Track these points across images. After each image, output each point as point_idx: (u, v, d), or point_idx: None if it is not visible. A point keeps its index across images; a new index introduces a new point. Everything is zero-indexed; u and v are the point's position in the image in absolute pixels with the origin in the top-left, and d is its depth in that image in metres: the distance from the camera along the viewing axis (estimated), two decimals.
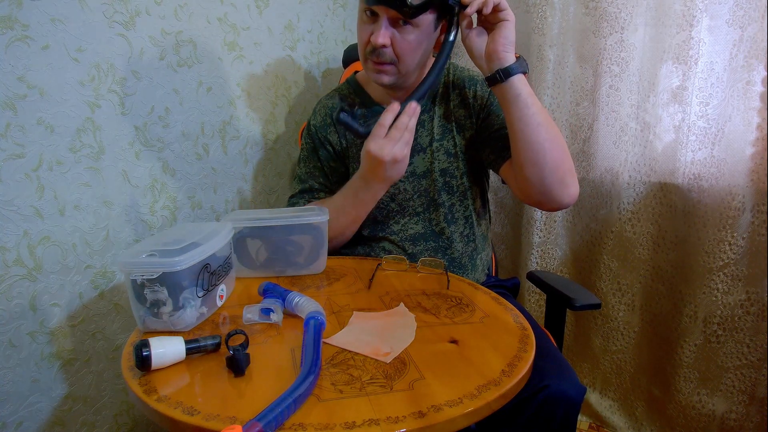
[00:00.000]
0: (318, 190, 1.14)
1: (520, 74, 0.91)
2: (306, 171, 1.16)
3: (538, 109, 0.92)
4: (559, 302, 1.10)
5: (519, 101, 0.91)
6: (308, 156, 1.16)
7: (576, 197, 0.97)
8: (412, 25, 0.93)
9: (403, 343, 0.73)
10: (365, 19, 0.96)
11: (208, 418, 0.56)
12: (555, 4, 1.44)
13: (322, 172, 1.15)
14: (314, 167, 1.15)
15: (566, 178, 0.94)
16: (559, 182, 0.94)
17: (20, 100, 0.90)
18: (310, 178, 1.15)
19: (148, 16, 1.10)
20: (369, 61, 0.98)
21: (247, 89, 1.38)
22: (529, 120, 0.91)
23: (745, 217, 1.26)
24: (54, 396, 1.01)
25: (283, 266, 0.98)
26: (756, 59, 1.20)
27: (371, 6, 0.92)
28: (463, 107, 1.08)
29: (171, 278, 0.73)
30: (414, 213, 1.10)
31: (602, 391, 1.62)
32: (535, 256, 1.62)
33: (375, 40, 0.93)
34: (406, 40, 0.94)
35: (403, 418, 0.56)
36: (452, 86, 1.09)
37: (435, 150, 1.08)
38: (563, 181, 0.94)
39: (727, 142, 1.27)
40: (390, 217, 1.11)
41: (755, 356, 1.31)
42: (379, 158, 0.91)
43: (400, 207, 1.10)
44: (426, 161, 1.08)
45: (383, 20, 0.92)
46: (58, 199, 0.97)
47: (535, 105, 0.91)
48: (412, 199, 1.09)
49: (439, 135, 1.08)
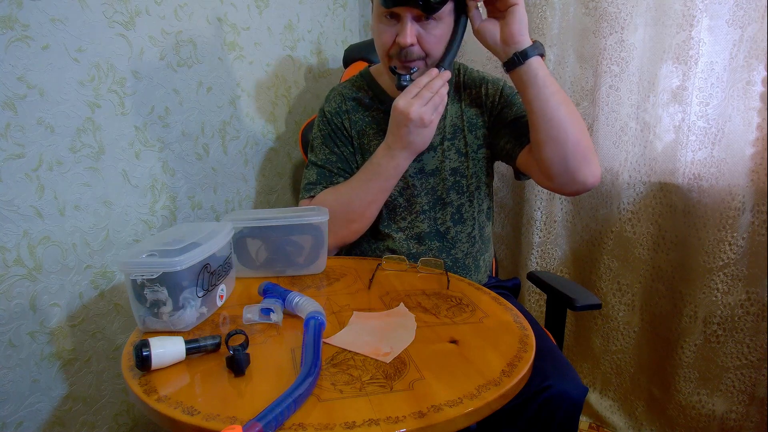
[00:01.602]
0: (336, 174, 1.10)
1: (537, 56, 0.92)
2: (322, 157, 1.11)
3: (557, 89, 0.93)
4: (559, 302, 1.10)
5: (538, 81, 0.92)
6: (323, 142, 1.12)
7: (599, 177, 0.96)
8: (435, 20, 0.93)
9: (403, 343, 0.73)
10: (385, 21, 0.95)
11: (208, 418, 0.56)
12: (555, 4, 1.43)
13: (340, 158, 1.11)
14: (330, 153, 1.11)
15: (588, 154, 0.94)
16: (582, 159, 0.93)
17: (20, 100, 0.90)
18: (327, 163, 1.10)
19: (148, 16, 1.10)
20: (397, 62, 0.97)
21: (247, 89, 1.39)
22: (549, 98, 0.92)
23: (745, 217, 1.26)
24: (54, 396, 1.01)
25: (283, 266, 0.98)
26: (756, 59, 1.20)
27: (393, 8, 0.92)
28: (475, 106, 1.08)
29: (171, 278, 0.73)
30: (421, 210, 1.09)
31: (602, 391, 1.62)
32: (535, 256, 1.62)
33: (404, 41, 0.92)
34: (433, 35, 0.94)
35: (403, 418, 0.56)
36: (463, 86, 1.09)
37: (446, 149, 1.08)
38: (586, 157, 0.93)
39: (727, 142, 1.27)
40: (397, 213, 1.10)
41: (755, 356, 1.31)
42: (405, 113, 0.92)
43: (408, 203, 1.09)
44: (436, 159, 1.08)
45: (407, 19, 0.92)
46: (58, 199, 0.97)
47: (553, 85, 0.93)
48: (420, 195, 1.09)
49: (450, 134, 1.08)
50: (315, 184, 1.09)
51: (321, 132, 1.13)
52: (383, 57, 0.99)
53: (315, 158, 1.12)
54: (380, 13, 0.95)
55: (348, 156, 1.11)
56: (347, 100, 1.12)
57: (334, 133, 1.11)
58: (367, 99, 1.12)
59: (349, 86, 1.15)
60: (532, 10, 1.47)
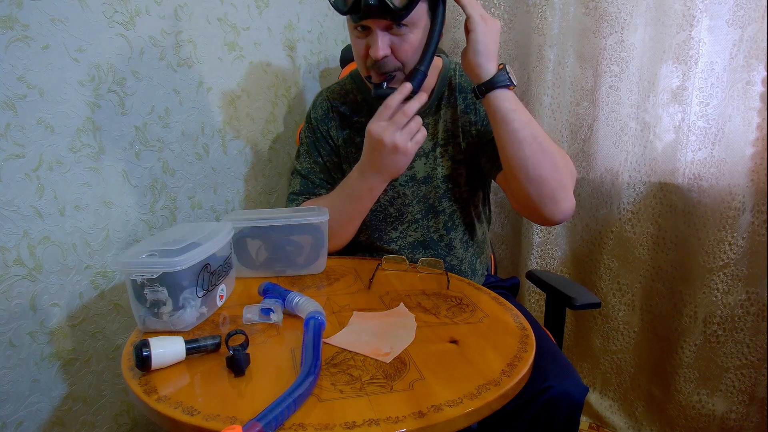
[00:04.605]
0: (318, 186, 1.10)
1: (499, 89, 0.87)
2: (306, 167, 1.11)
3: (521, 125, 0.87)
4: (558, 302, 1.10)
5: (497, 117, 0.88)
6: (308, 150, 1.12)
7: (569, 213, 0.92)
8: (407, 26, 0.88)
9: (403, 343, 0.73)
10: (357, 33, 0.92)
11: (208, 418, 0.56)
12: (555, 4, 1.43)
13: (323, 168, 1.11)
14: (314, 162, 1.11)
15: (557, 194, 0.89)
16: (548, 198, 0.89)
17: (20, 100, 0.90)
18: (310, 174, 1.10)
19: (148, 16, 1.10)
20: (373, 74, 0.93)
21: (247, 89, 1.38)
22: (509, 136, 0.87)
23: (745, 217, 1.26)
24: (54, 396, 1.01)
25: (283, 266, 0.98)
26: (756, 59, 1.20)
27: (359, 23, 0.89)
28: (470, 111, 1.05)
29: (171, 278, 0.73)
30: (413, 220, 1.08)
31: (602, 391, 1.62)
32: (535, 256, 1.62)
33: (375, 55, 0.88)
34: (407, 42, 0.89)
35: (403, 418, 0.56)
36: (459, 89, 1.05)
37: (438, 155, 1.05)
38: (553, 197, 0.89)
39: (727, 142, 1.27)
40: (388, 223, 1.09)
41: (755, 356, 1.31)
42: (377, 139, 0.88)
43: (399, 213, 1.08)
44: (428, 166, 1.06)
45: (377, 31, 0.88)
46: (58, 199, 0.97)
47: (516, 121, 0.87)
48: (411, 204, 1.07)
49: (443, 140, 1.05)
50: (298, 195, 1.10)
51: (307, 139, 1.13)
52: (361, 69, 0.97)
53: (299, 167, 1.12)
54: (351, 27, 0.93)
55: (331, 166, 1.11)
56: (333, 107, 1.11)
57: (318, 141, 1.11)
58: (355, 105, 1.10)
59: (338, 90, 1.13)
60: (532, 10, 1.47)
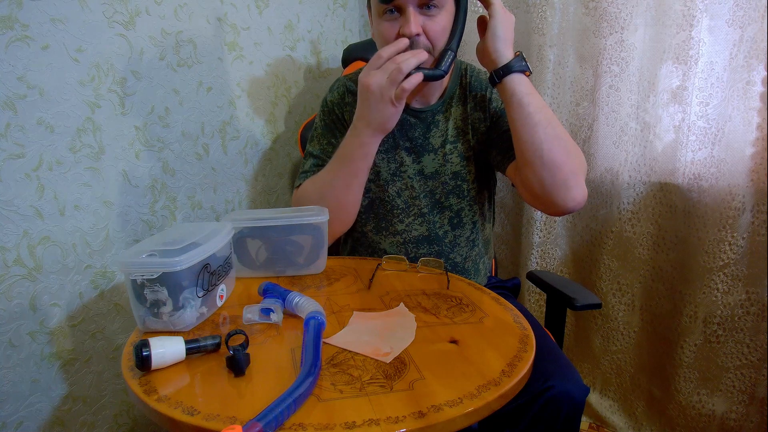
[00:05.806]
0: None
1: (515, 73, 0.90)
2: (320, 148, 1.10)
3: (536, 109, 0.90)
4: (559, 302, 1.10)
5: (514, 100, 0.90)
6: (323, 133, 1.12)
7: (581, 202, 0.93)
8: (437, 6, 0.92)
9: (403, 343, 0.73)
10: (387, 17, 0.94)
11: (208, 418, 0.56)
12: (555, 4, 1.43)
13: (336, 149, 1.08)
14: (328, 144, 1.10)
15: (569, 181, 0.91)
16: (561, 184, 0.91)
17: (20, 100, 0.90)
18: (323, 155, 1.10)
19: (148, 16, 1.10)
20: None
21: (247, 89, 1.39)
22: (525, 120, 0.90)
23: (745, 217, 1.26)
24: (54, 396, 1.01)
25: (283, 266, 0.98)
26: (756, 59, 1.20)
27: (391, 4, 0.91)
28: (479, 110, 1.07)
29: (171, 278, 0.73)
30: (419, 213, 1.08)
31: (602, 391, 1.62)
32: (535, 256, 1.62)
33: (409, 31, 0.90)
34: (437, 23, 0.92)
35: (403, 418, 0.56)
36: (470, 88, 1.07)
37: (448, 152, 1.06)
38: (565, 183, 0.91)
39: (727, 142, 1.27)
40: (395, 215, 1.09)
41: (755, 356, 1.31)
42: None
43: (406, 205, 1.09)
44: (436, 162, 1.07)
45: (410, 9, 0.90)
46: (58, 199, 0.97)
47: (532, 104, 0.90)
48: (419, 197, 1.08)
49: (453, 137, 1.06)
50: (307, 172, 1.09)
51: (322, 122, 1.13)
52: None
53: (312, 148, 1.12)
54: (380, 11, 0.94)
55: None
56: (349, 93, 1.12)
57: (334, 123, 1.11)
58: None
59: (355, 78, 1.13)
60: (532, 10, 1.47)
